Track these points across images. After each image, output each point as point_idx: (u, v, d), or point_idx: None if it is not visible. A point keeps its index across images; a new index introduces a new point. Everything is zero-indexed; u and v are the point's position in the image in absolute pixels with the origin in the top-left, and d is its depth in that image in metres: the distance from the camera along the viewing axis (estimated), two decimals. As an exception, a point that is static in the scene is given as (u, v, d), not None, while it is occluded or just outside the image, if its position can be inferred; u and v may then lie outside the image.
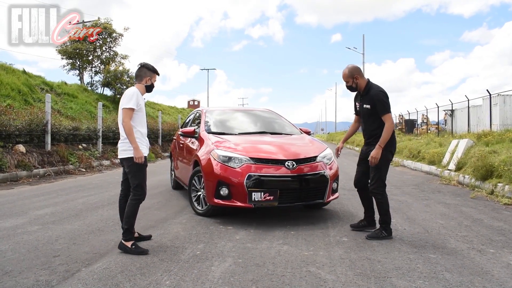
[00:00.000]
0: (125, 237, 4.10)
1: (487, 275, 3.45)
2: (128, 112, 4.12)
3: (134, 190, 4.19)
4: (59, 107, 17.03)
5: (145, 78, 4.37)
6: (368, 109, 4.72)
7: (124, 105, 4.14)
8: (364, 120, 4.88)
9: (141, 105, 4.24)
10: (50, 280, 3.30)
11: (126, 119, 4.10)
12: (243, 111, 8.12)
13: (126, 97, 4.17)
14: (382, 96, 4.68)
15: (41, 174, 10.49)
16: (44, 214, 5.83)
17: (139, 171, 4.18)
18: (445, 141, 14.18)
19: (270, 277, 3.37)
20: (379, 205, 4.69)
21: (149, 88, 4.44)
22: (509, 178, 7.27)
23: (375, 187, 4.68)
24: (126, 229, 4.13)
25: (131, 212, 4.15)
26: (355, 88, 4.87)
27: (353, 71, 4.81)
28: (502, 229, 5.00)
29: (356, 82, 4.81)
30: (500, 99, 23.44)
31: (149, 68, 4.38)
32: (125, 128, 4.09)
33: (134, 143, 4.07)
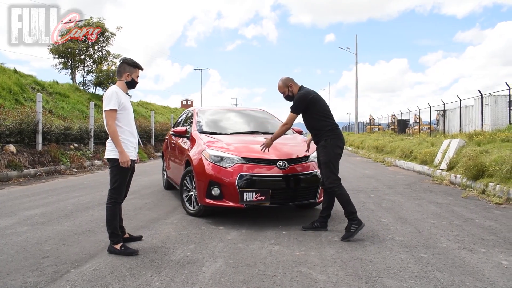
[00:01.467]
0: (113, 240, 4.06)
1: (478, 274, 3.46)
2: (110, 114, 4.01)
3: (111, 191, 4.11)
4: (50, 106, 16.90)
5: (124, 74, 4.19)
6: None
7: (104, 108, 4.02)
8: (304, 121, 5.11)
9: (123, 104, 4.11)
10: (39, 281, 3.26)
11: (110, 122, 3.99)
12: (236, 111, 8.10)
13: (106, 99, 4.04)
14: (297, 97, 4.96)
15: (32, 174, 10.40)
16: (34, 214, 5.77)
17: (120, 174, 4.07)
18: (437, 141, 14.24)
19: (261, 278, 3.35)
20: (339, 197, 4.73)
21: (130, 84, 4.26)
22: (500, 178, 7.30)
23: (330, 181, 4.73)
24: (111, 233, 4.07)
25: (110, 215, 4.08)
26: (292, 97, 5.06)
27: (286, 81, 5.10)
28: (493, 229, 5.01)
29: (291, 90, 5.06)
30: (491, 99, 23.61)
31: (128, 63, 4.20)
32: (109, 132, 3.99)
33: (119, 147, 3.97)
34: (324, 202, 5.05)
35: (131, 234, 4.53)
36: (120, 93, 4.11)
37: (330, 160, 4.76)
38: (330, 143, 4.79)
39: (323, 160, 4.80)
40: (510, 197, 6.65)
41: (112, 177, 4.11)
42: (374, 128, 42.59)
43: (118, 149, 3.97)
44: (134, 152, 4.22)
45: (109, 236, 4.09)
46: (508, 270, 3.55)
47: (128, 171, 4.15)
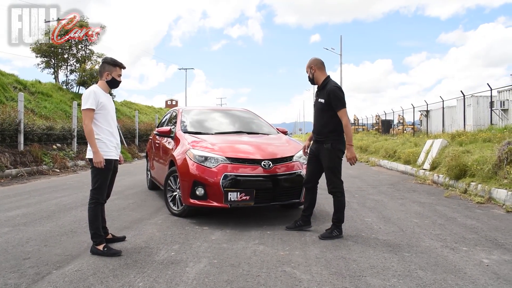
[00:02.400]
0: (95, 241, 4.02)
1: (460, 272, 3.50)
2: (86, 113, 3.96)
3: (92, 192, 4.08)
4: (32, 106, 16.66)
5: (104, 74, 4.14)
6: (322, 103, 4.71)
7: (82, 107, 3.99)
8: (316, 115, 4.86)
9: (102, 103, 4.05)
10: (19, 283, 3.21)
11: (86, 121, 3.94)
12: (220, 111, 8.07)
13: (83, 98, 4.01)
14: (338, 90, 4.66)
15: (14, 175, 10.25)
16: (15, 215, 5.68)
17: (101, 174, 4.04)
18: (420, 141, 14.39)
19: (245, 278, 3.35)
20: (339, 203, 4.68)
21: (111, 84, 4.21)
22: (482, 178, 7.41)
23: (334, 186, 4.67)
24: (93, 234, 4.04)
25: (92, 216, 4.05)
26: (312, 80, 4.85)
27: (311, 62, 4.83)
28: (475, 227, 5.08)
29: (313, 73, 4.81)
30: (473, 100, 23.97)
31: (108, 62, 4.17)
32: (85, 131, 3.95)
33: (94, 147, 3.94)
34: (306, 201, 4.99)
35: (114, 235, 4.49)
36: (99, 93, 4.06)
37: (335, 166, 4.68)
38: (335, 147, 4.65)
39: (327, 165, 4.69)
40: (491, 197, 6.75)
41: (93, 177, 4.08)
42: (358, 129, 42.90)
43: (93, 149, 3.94)
44: (115, 151, 4.18)
45: (92, 237, 4.05)
46: (489, 268, 3.60)
47: (109, 171, 4.12)
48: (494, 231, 4.90)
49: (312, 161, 4.89)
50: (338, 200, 4.69)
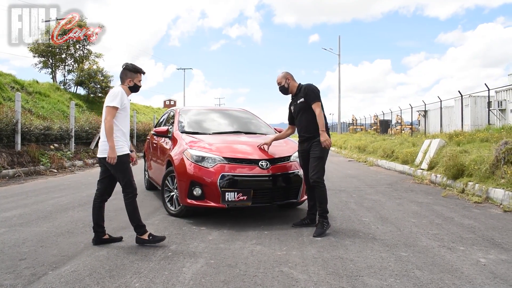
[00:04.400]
0: (138, 231, 4.27)
1: (457, 272, 3.50)
2: (111, 110, 4.13)
3: (125, 188, 4.26)
4: (30, 106, 16.64)
5: (127, 80, 4.35)
6: (302, 102, 5.06)
7: (107, 103, 4.15)
8: (300, 116, 5.15)
9: (125, 105, 4.26)
10: (15, 284, 3.20)
11: (109, 117, 4.10)
12: (218, 111, 8.06)
13: (111, 96, 4.18)
14: (313, 86, 5.10)
15: (11, 175, 10.22)
16: (12, 216, 5.67)
17: (124, 169, 4.23)
18: (418, 141, 14.39)
19: (242, 278, 3.34)
20: (322, 193, 4.85)
21: (133, 89, 4.42)
22: (479, 177, 7.41)
23: (318, 176, 4.84)
24: (135, 225, 4.27)
25: (132, 210, 4.27)
26: (287, 89, 5.24)
27: (286, 74, 5.25)
28: (472, 227, 5.08)
29: (288, 83, 5.22)
30: (471, 100, 24.00)
31: (129, 69, 4.35)
32: (106, 126, 4.09)
33: (111, 142, 4.08)
34: (311, 200, 5.16)
35: (111, 235, 4.49)
36: (124, 94, 4.27)
37: (324, 156, 4.94)
38: None
39: (318, 155, 4.90)
40: (488, 196, 6.75)
41: (118, 175, 4.27)
42: (356, 129, 42.93)
43: (110, 144, 4.09)
44: (126, 147, 4.34)
45: (135, 229, 4.29)
46: (486, 268, 3.60)
47: (129, 163, 4.32)
48: (491, 231, 4.90)
49: (306, 160, 5.07)
50: (322, 190, 4.85)
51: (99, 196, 4.42)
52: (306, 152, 5.07)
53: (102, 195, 4.42)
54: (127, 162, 4.28)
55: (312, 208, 5.18)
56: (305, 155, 5.09)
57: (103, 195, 4.43)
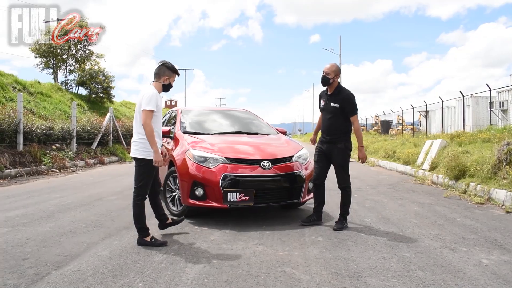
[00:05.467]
0: (142, 234, 4.31)
1: (459, 273, 3.50)
2: (148, 114, 4.17)
3: (137, 189, 4.32)
4: (32, 106, 16.66)
5: (163, 77, 4.40)
6: (336, 108, 5.11)
7: (144, 107, 4.19)
8: (328, 118, 5.22)
9: (159, 106, 4.32)
10: (19, 283, 3.21)
11: (148, 121, 4.15)
12: (220, 111, 8.06)
13: (146, 99, 4.20)
14: (353, 97, 5.18)
15: (13, 175, 10.24)
16: (15, 216, 5.68)
17: (146, 174, 4.32)
18: (420, 141, 14.39)
19: (244, 278, 3.35)
20: (348, 196, 5.20)
21: (166, 87, 4.47)
22: (481, 178, 7.41)
23: (345, 181, 5.18)
24: (139, 228, 4.32)
25: (138, 212, 4.32)
26: (329, 83, 5.19)
27: (338, 70, 5.24)
28: (474, 228, 5.08)
29: (334, 79, 5.19)
30: (472, 101, 23.97)
31: (168, 67, 4.40)
32: (147, 130, 4.14)
33: (154, 146, 4.15)
34: (317, 198, 5.31)
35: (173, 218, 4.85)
36: (158, 96, 4.31)
37: (346, 163, 5.20)
38: (348, 147, 5.17)
39: (340, 163, 5.15)
40: (490, 197, 6.75)
41: (138, 176, 4.33)
42: (358, 129, 42.83)
43: (153, 148, 4.16)
44: None
45: (138, 231, 4.33)
46: (488, 269, 3.60)
47: (154, 169, 4.39)
48: (494, 232, 4.90)
49: (322, 159, 5.24)
50: (348, 194, 5.19)
51: (151, 192, 4.56)
52: (323, 153, 5.23)
53: (152, 190, 4.57)
54: (151, 169, 4.31)
55: (318, 206, 5.32)
56: (321, 155, 5.25)
57: (154, 187, 4.57)
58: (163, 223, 4.73)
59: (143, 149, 4.26)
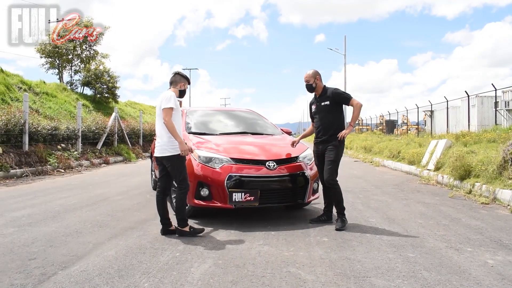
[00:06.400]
0: (181, 224, 4.66)
1: (464, 273, 3.50)
2: (168, 111, 4.57)
3: (180, 184, 4.66)
4: (37, 106, 16.73)
5: (180, 84, 4.88)
6: (327, 105, 5.32)
7: (164, 106, 4.59)
8: (321, 117, 5.39)
9: (177, 106, 4.71)
10: (25, 283, 3.23)
11: (168, 118, 4.55)
12: (225, 112, 8.08)
13: (165, 99, 4.61)
14: (340, 90, 5.40)
15: (18, 175, 10.29)
16: (21, 216, 5.71)
17: (181, 167, 4.68)
18: (425, 141, 14.35)
19: (250, 278, 3.36)
20: (337, 194, 5.20)
21: (182, 93, 4.91)
22: (487, 178, 7.38)
23: (334, 178, 5.17)
24: (180, 219, 4.66)
25: (180, 203, 4.68)
26: (314, 88, 5.42)
27: (316, 73, 5.41)
28: (479, 228, 5.07)
29: (316, 83, 5.39)
30: (478, 100, 23.88)
31: (183, 76, 4.92)
32: (168, 126, 4.54)
33: (178, 138, 4.56)
34: (327, 198, 5.46)
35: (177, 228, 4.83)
36: (175, 97, 4.73)
37: (338, 159, 5.28)
38: (341, 144, 5.33)
39: (333, 158, 5.20)
40: (496, 197, 6.73)
41: (174, 173, 4.70)
42: (362, 129, 42.83)
43: (178, 140, 4.57)
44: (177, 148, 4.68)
45: (178, 221, 4.68)
46: (494, 269, 3.60)
47: (185, 160, 4.75)
48: (499, 232, 4.89)
49: (322, 161, 5.35)
50: (337, 191, 5.20)
51: (161, 192, 4.82)
52: (321, 154, 5.34)
53: (164, 191, 4.84)
54: (184, 160, 4.70)
55: (328, 205, 5.47)
56: (320, 156, 5.37)
57: (165, 191, 4.85)
58: (167, 228, 4.77)
59: (170, 148, 4.62)
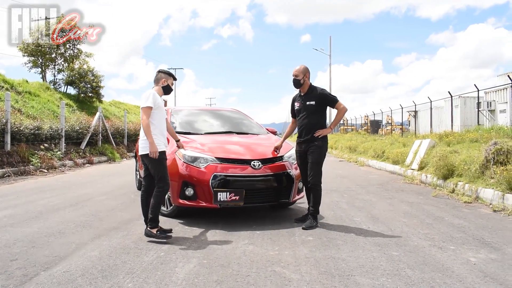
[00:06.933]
0: (151, 225, 4.48)
1: (447, 271, 3.53)
2: (145, 110, 4.49)
3: (158, 182, 4.54)
4: (19, 105, 16.47)
5: (161, 80, 4.76)
6: (313, 105, 5.24)
7: (142, 105, 4.54)
8: (304, 117, 5.31)
9: (159, 104, 4.60)
10: (7, 285, 3.18)
11: (144, 117, 4.47)
12: (210, 111, 8.06)
13: (144, 98, 4.55)
14: (327, 92, 5.37)
15: (0, 175, 10.12)
16: (2, 216, 5.62)
17: (160, 165, 4.54)
18: (409, 141, 14.48)
19: (234, 278, 3.35)
20: (318, 195, 5.18)
21: (165, 89, 4.82)
22: (469, 177, 7.48)
23: (317, 179, 5.15)
24: (151, 218, 4.49)
25: (157, 202, 4.52)
26: (301, 85, 5.29)
27: (306, 70, 5.31)
28: (462, 227, 5.13)
29: (305, 80, 5.28)
30: (461, 101, 24.20)
31: (165, 72, 4.85)
32: (143, 125, 4.46)
33: (150, 138, 4.44)
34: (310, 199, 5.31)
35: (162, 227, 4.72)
36: (156, 95, 4.64)
37: (322, 160, 5.25)
38: (324, 145, 5.27)
39: (316, 160, 5.16)
40: (478, 196, 6.82)
41: (153, 171, 4.58)
42: (347, 129, 43.08)
43: (149, 140, 4.44)
44: (163, 146, 4.65)
45: (149, 221, 4.50)
46: (476, 267, 3.64)
47: (165, 160, 4.65)
48: (481, 230, 4.95)
49: (303, 160, 5.29)
50: (319, 192, 5.18)
51: (145, 191, 4.74)
52: (304, 154, 5.27)
53: (148, 190, 4.71)
54: (163, 159, 4.58)
55: None
56: (302, 156, 5.30)
57: (149, 190, 4.70)
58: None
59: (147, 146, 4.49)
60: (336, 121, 5.50)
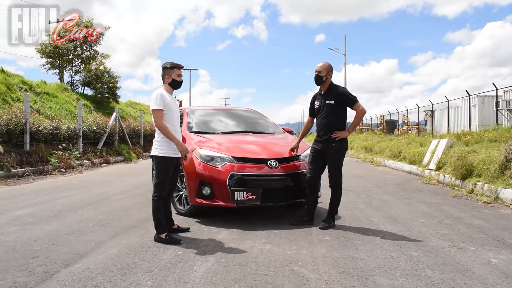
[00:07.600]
0: (158, 230, 4.42)
1: (468, 272, 3.49)
2: (156, 113, 4.36)
3: (155, 186, 4.49)
4: (38, 106, 16.72)
5: (165, 78, 4.57)
6: (332, 104, 5.12)
7: (151, 108, 4.41)
8: (323, 116, 5.19)
9: (169, 105, 4.43)
10: (28, 281, 3.22)
11: (157, 120, 4.34)
12: (226, 111, 8.08)
13: (151, 99, 4.42)
14: (347, 91, 5.26)
15: (20, 175, 10.29)
16: (23, 214, 5.71)
17: (163, 170, 4.46)
18: (426, 141, 14.34)
19: (253, 276, 3.35)
20: (339, 197, 5.21)
21: (175, 85, 4.62)
22: (488, 177, 7.38)
23: (338, 180, 5.16)
24: (156, 224, 4.44)
25: (155, 208, 4.44)
26: (323, 82, 5.20)
27: (330, 68, 5.22)
28: (482, 227, 5.06)
29: (327, 77, 5.19)
30: (479, 100, 23.86)
31: (166, 67, 4.58)
32: (160, 129, 4.36)
33: (174, 140, 4.34)
34: (310, 199, 5.31)
35: (180, 226, 4.85)
36: (165, 94, 4.46)
37: (341, 162, 5.21)
38: (343, 145, 5.17)
39: (335, 161, 5.13)
40: (498, 196, 6.72)
41: (156, 173, 4.54)
42: (363, 129, 42.79)
43: (174, 141, 4.35)
44: (175, 150, 4.46)
45: (155, 227, 4.45)
46: (497, 268, 3.59)
47: (170, 168, 4.51)
48: (502, 231, 4.88)
49: (317, 159, 5.20)
50: (339, 193, 5.20)
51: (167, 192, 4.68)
52: (319, 153, 5.16)
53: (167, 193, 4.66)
54: (169, 167, 4.47)
55: (311, 206, 5.30)
56: (316, 155, 5.19)
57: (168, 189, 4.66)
58: (169, 227, 4.69)
59: (159, 148, 4.42)
60: (355, 124, 5.36)
